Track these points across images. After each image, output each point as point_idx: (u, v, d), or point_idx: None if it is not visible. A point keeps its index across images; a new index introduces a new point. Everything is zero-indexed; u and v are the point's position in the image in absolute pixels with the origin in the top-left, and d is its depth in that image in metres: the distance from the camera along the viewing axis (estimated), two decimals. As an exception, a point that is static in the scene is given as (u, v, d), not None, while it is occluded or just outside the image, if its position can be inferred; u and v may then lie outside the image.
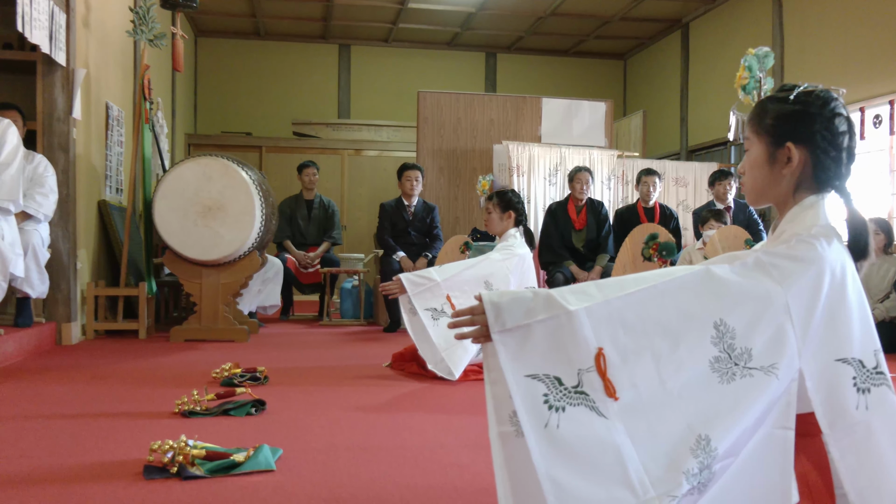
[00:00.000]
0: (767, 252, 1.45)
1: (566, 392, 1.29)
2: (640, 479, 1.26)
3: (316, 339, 6.09)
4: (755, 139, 1.61)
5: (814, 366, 1.42)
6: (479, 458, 2.59)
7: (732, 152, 10.44)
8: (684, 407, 1.32)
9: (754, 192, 1.65)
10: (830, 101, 1.57)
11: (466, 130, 8.67)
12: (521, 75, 12.77)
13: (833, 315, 1.44)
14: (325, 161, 10.62)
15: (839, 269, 1.45)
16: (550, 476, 1.23)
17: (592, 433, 1.27)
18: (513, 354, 1.31)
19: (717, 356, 1.35)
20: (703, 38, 10.97)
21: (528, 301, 1.33)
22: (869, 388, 1.44)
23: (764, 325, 1.37)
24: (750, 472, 1.37)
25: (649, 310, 1.35)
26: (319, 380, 4.13)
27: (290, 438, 2.79)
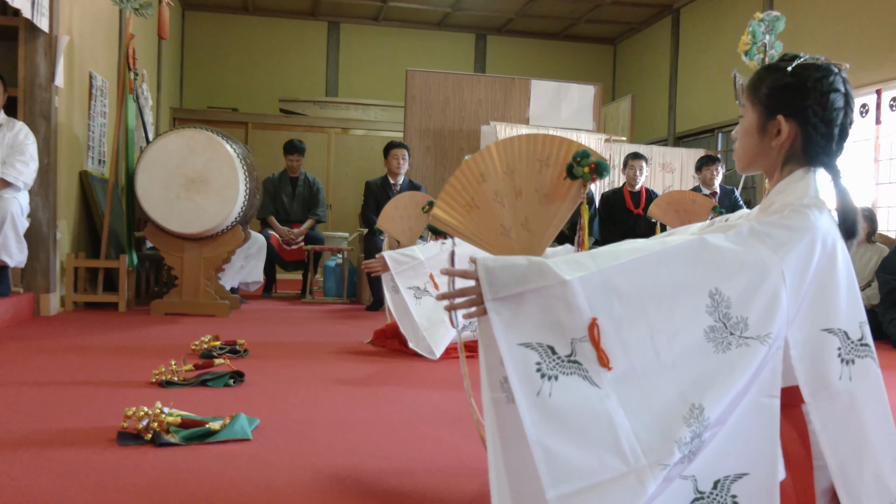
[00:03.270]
0: (761, 221, 1.44)
1: (559, 361, 1.28)
2: (632, 448, 1.25)
3: (298, 316, 6.06)
4: (750, 107, 1.60)
5: (800, 334, 1.41)
6: (457, 433, 2.58)
7: (720, 139, 10.45)
8: (678, 377, 1.31)
9: (744, 160, 1.65)
10: (829, 75, 1.54)
11: (454, 111, 8.62)
12: (510, 58, 12.71)
13: (822, 285, 1.43)
14: (311, 139, 10.55)
15: (830, 240, 1.44)
16: (542, 443, 1.23)
17: (585, 402, 1.26)
18: (506, 323, 1.30)
19: (712, 325, 1.34)
20: (694, 25, 10.95)
21: (523, 268, 1.31)
22: (853, 360, 1.43)
23: (760, 294, 1.36)
24: (737, 440, 1.36)
25: (644, 279, 1.33)
26: (300, 354, 4.10)
27: (267, 409, 2.77)
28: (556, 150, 1.53)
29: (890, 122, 7.21)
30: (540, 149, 1.50)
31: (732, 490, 1.35)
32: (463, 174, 1.55)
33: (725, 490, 1.35)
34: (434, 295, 4.14)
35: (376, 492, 1.95)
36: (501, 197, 1.52)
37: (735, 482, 1.35)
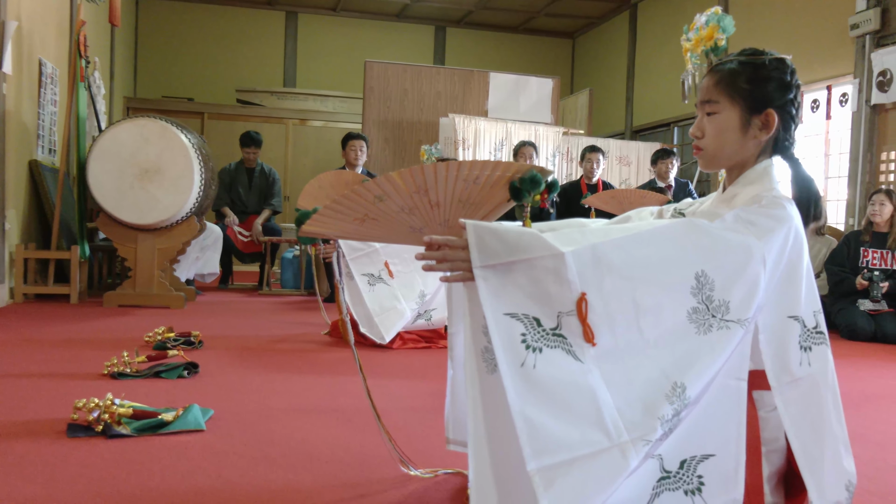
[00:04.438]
0: (745, 209, 1.46)
1: (544, 333, 1.27)
2: (615, 423, 1.25)
3: (255, 308, 6.01)
4: (727, 103, 1.58)
5: (769, 320, 1.44)
6: (414, 421, 2.59)
7: (676, 133, 10.60)
8: (661, 356, 1.32)
9: (718, 157, 1.62)
10: (794, 70, 1.59)
11: (413, 102, 8.60)
12: (469, 50, 12.72)
13: (791, 273, 1.46)
14: (269, 130, 10.44)
15: (800, 230, 1.48)
16: (524, 414, 1.22)
17: (568, 376, 1.26)
18: (493, 291, 1.28)
19: (695, 307, 1.35)
20: (651, 20, 11.07)
21: (515, 238, 1.30)
22: (811, 347, 1.47)
23: (743, 279, 1.38)
24: (704, 421, 1.38)
25: (634, 257, 1.34)
26: (256, 345, 4.07)
27: (222, 400, 2.75)
28: (488, 171, 1.47)
29: (839, 118, 7.38)
30: (467, 171, 1.43)
31: (699, 470, 1.37)
32: (351, 198, 1.45)
33: (692, 470, 1.37)
34: (388, 282, 4.13)
35: (331, 481, 1.95)
36: (410, 209, 1.46)
37: (701, 462, 1.37)
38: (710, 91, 1.59)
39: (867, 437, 2.61)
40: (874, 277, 5.46)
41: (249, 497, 1.80)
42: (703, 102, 1.61)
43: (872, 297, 5.47)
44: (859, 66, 6.93)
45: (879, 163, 6.86)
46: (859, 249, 5.71)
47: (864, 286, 5.51)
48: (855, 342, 5.32)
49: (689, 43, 1.72)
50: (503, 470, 1.32)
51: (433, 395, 3.03)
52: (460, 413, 1.80)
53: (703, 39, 1.66)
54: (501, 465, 1.32)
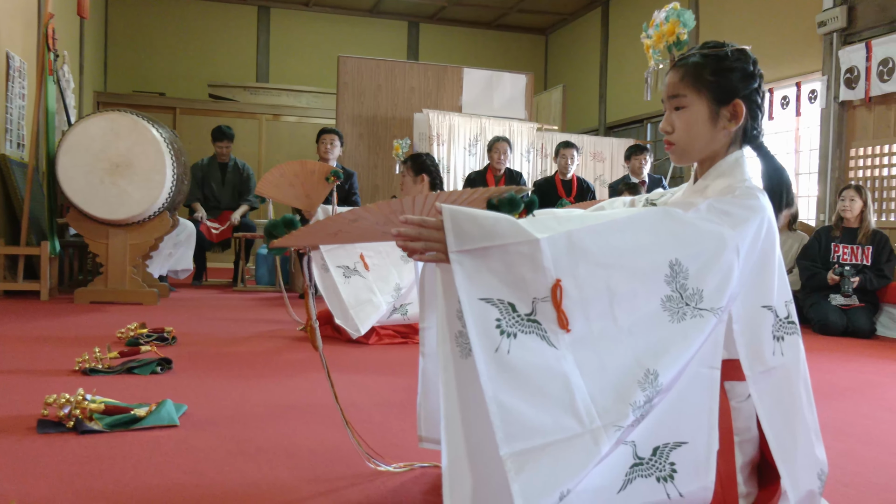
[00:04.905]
0: (719, 200, 1.47)
1: (519, 319, 1.27)
2: (587, 409, 1.25)
3: (229, 304, 5.96)
4: (694, 97, 1.58)
5: (742, 309, 1.45)
6: (390, 416, 2.59)
7: (648, 129, 10.67)
8: (634, 343, 1.32)
9: (690, 150, 1.62)
10: (756, 60, 1.61)
11: (387, 98, 8.58)
12: (443, 46, 12.70)
13: (764, 263, 1.47)
14: (241, 125, 10.36)
15: (772, 221, 1.50)
16: (497, 399, 1.21)
17: (542, 361, 1.26)
18: (468, 275, 1.27)
19: (669, 295, 1.36)
20: (624, 16, 11.13)
21: (491, 223, 1.29)
22: (783, 337, 1.49)
23: (717, 268, 1.39)
24: (677, 409, 1.38)
25: (609, 245, 1.34)
26: (231, 342, 4.03)
27: (196, 395, 2.72)
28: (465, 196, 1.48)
29: (809, 114, 7.46)
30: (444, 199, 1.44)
31: (671, 457, 1.38)
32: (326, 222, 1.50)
33: (664, 457, 1.37)
34: (364, 275, 4.11)
35: (308, 475, 1.94)
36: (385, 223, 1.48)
37: (674, 450, 1.38)
38: (676, 86, 1.60)
39: (839, 430, 2.65)
40: (845, 272, 5.54)
41: (225, 492, 1.79)
42: (670, 97, 1.62)
43: (843, 291, 5.54)
44: (827, 64, 7.02)
45: (848, 159, 6.96)
46: (830, 245, 5.79)
47: (835, 281, 5.58)
48: (827, 336, 5.39)
49: (650, 40, 1.72)
50: (477, 455, 1.31)
51: (409, 390, 3.02)
52: (433, 409, 1.79)
53: (664, 35, 1.66)
54: (475, 450, 1.32)
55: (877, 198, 6.62)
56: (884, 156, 6.64)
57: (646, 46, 1.67)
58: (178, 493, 1.76)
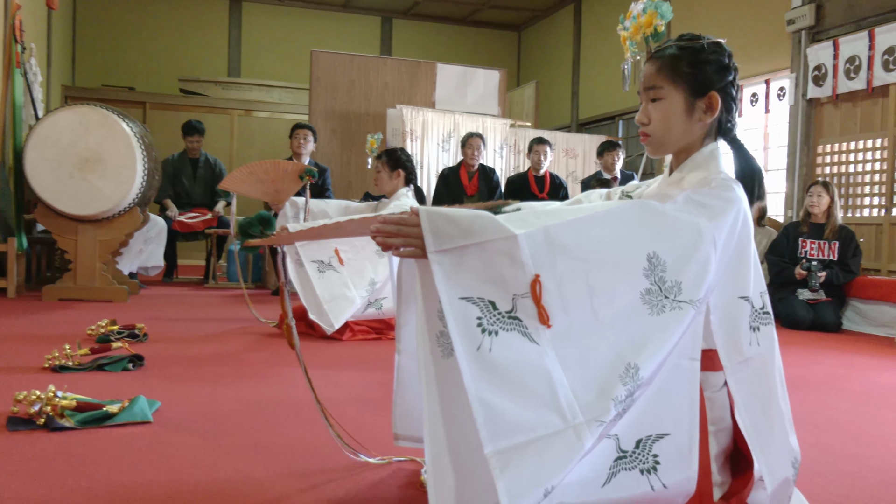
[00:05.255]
0: (696, 192, 1.48)
1: (500, 316, 1.27)
2: (570, 405, 1.26)
3: (201, 301, 5.91)
4: (671, 89, 1.59)
5: (720, 301, 1.47)
6: (365, 412, 2.58)
7: (620, 126, 10.74)
8: (615, 337, 1.33)
9: (666, 142, 1.63)
10: (731, 53, 1.62)
11: (360, 93, 8.55)
12: (416, 42, 12.69)
13: (740, 254, 1.49)
14: (213, 121, 10.26)
15: (748, 212, 1.51)
16: (481, 398, 1.21)
17: (524, 358, 1.26)
18: (448, 275, 1.27)
19: (648, 288, 1.36)
20: (596, 13, 11.19)
21: (468, 221, 1.29)
22: (759, 327, 1.50)
23: (694, 260, 1.40)
24: (659, 401, 1.39)
25: (587, 239, 1.34)
26: (203, 338, 4.00)
27: (169, 392, 2.70)
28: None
29: (777, 111, 7.56)
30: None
31: (654, 449, 1.38)
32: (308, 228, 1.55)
33: (647, 449, 1.38)
34: (338, 270, 4.10)
35: (284, 471, 1.93)
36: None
37: (657, 442, 1.39)
38: (653, 77, 1.60)
39: (807, 421, 2.69)
40: (812, 267, 5.62)
41: (200, 488, 1.77)
42: (646, 89, 1.62)
43: (811, 286, 5.63)
44: (796, 61, 7.11)
45: (816, 155, 7.06)
46: (798, 240, 5.87)
47: (802, 276, 5.67)
48: (795, 331, 5.47)
49: (626, 32, 1.73)
50: (460, 454, 1.32)
51: (384, 385, 3.02)
52: (409, 407, 1.78)
53: (642, 26, 1.67)
54: (458, 450, 1.32)
55: (843, 194, 6.72)
56: (850, 152, 6.75)
57: (622, 38, 1.68)
58: (152, 490, 1.74)
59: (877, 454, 2.35)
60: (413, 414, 1.77)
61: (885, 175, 6.37)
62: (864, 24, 6.41)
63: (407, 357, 1.76)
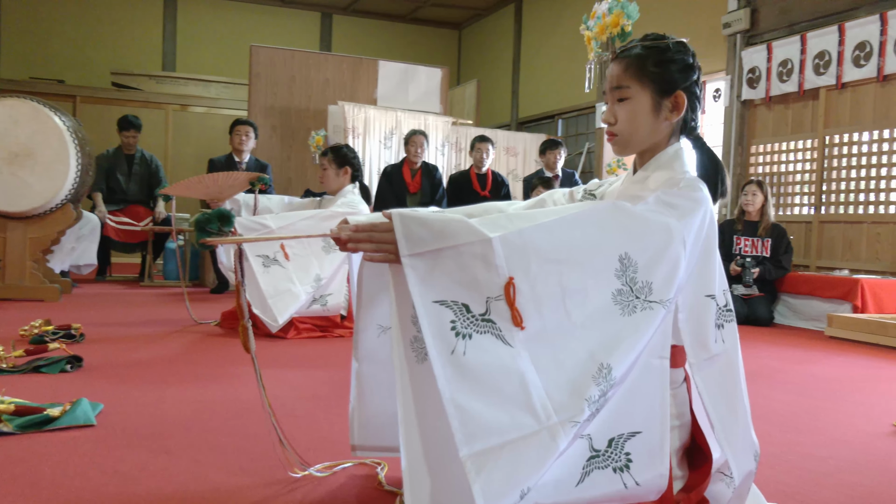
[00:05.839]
0: (666, 192, 1.48)
1: (473, 319, 1.27)
2: (544, 406, 1.26)
3: (137, 299, 5.76)
4: (637, 88, 1.59)
5: (688, 299, 1.48)
6: (315, 409, 2.55)
7: (560, 125, 10.86)
8: (587, 337, 1.33)
9: (633, 141, 1.63)
10: (694, 53, 1.65)
11: (301, 89, 8.45)
12: (356, 38, 12.60)
13: (706, 253, 1.50)
14: (147, 115, 9.99)
15: (713, 212, 1.53)
16: (455, 401, 1.21)
17: (498, 361, 1.26)
18: (421, 278, 1.26)
19: (619, 289, 1.36)
20: (537, 13, 11.29)
21: (441, 225, 1.28)
22: (723, 324, 1.53)
23: (664, 260, 1.40)
24: (630, 400, 1.39)
25: (560, 241, 1.34)
26: (143, 338, 3.90)
27: (111, 393, 2.62)
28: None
29: (713, 112, 7.74)
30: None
31: (626, 448, 1.39)
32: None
33: (620, 448, 1.38)
34: (284, 265, 4.04)
35: (240, 473, 1.89)
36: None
37: (629, 440, 1.39)
38: (619, 77, 1.61)
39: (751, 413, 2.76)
40: (746, 264, 5.78)
41: (151, 491, 1.72)
42: (612, 89, 1.62)
43: (745, 282, 5.78)
44: (731, 63, 7.30)
45: (749, 155, 7.26)
46: (733, 237, 6.03)
47: (737, 272, 5.82)
48: (730, 325, 5.60)
49: (591, 32, 1.74)
50: (435, 458, 1.32)
51: (332, 384, 2.99)
52: (371, 417, 1.76)
53: (608, 26, 1.68)
54: (432, 454, 1.32)
55: (775, 193, 6.93)
56: (782, 152, 6.96)
57: (587, 38, 1.69)
58: (101, 495, 1.69)
59: (818, 444, 2.42)
60: (375, 423, 1.75)
61: (815, 175, 6.59)
62: (796, 28, 6.62)
63: (367, 364, 1.74)
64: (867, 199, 6.16)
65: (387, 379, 1.73)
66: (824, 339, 5.09)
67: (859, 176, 6.22)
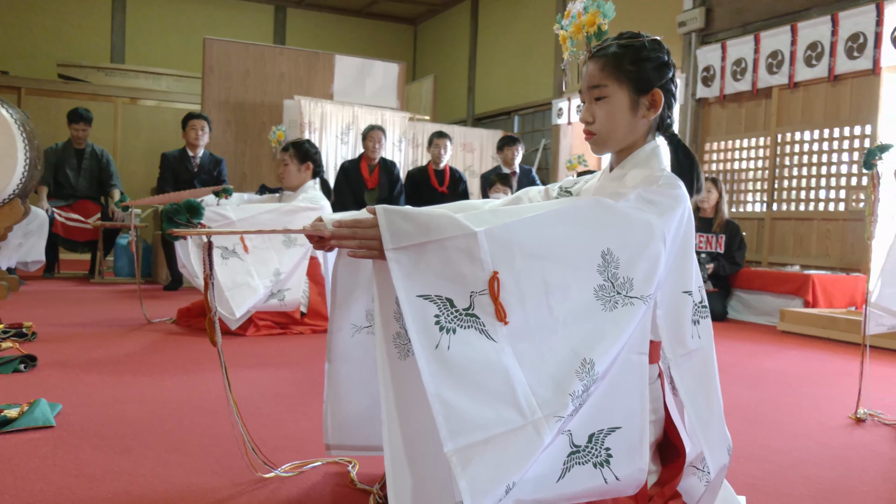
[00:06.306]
0: (646, 189, 1.49)
1: (457, 314, 1.26)
2: (528, 401, 1.26)
3: (89, 297, 5.62)
4: (615, 86, 1.60)
5: (666, 295, 1.49)
6: (279, 407, 2.52)
7: (516, 121, 10.90)
8: (570, 333, 1.33)
9: (611, 140, 1.63)
10: (669, 51, 1.65)
11: (256, 83, 8.32)
12: (310, 33, 12.47)
13: (683, 250, 1.51)
14: (96, 108, 9.70)
15: (690, 209, 1.54)
16: (440, 396, 1.21)
17: (482, 355, 1.26)
18: (406, 273, 1.26)
19: (601, 284, 1.37)
20: (493, 8, 11.31)
21: (426, 219, 1.28)
22: (699, 320, 1.54)
23: (645, 256, 1.41)
24: (610, 395, 1.40)
25: (544, 236, 1.34)
26: (98, 336, 3.80)
27: (69, 394, 2.54)
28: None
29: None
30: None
31: (606, 443, 1.39)
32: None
33: (600, 443, 1.39)
34: (242, 257, 3.97)
35: (208, 473, 1.85)
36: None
37: (609, 435, 1.40)
38: (597, 76, 1.61)
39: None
40: (700, 259, 5.87)
41: (117, 493, 1.68)
42: (590, 88, 1.62)
43: (700, 277, 5.87)
44: (686, 62, 7.40)
45: (703, 153, 7.37)
46: (688, 233, 6.11)
47: (692, 267, 5.90)
48: (685, 319, 5.69)
49: (565, 31, 1.74)
50: (416, 455, 1.31)
51: (295, 382, 2.95)
52: (346, 416, 1.74)
53: (584, 25, 1.67)
54: (414, 450, 1.31)
55: (728, 190, 7.05)
56: (735, 150, 7.09)
57: (562, 38, 1.68)
58: (65, 498, 1.63)
59: (780, 437, 2.47)
60: (350, 423, 1.74)
61: (767, 172, 6.72)
62: (750, 28, 6.73)
63: (340, 364, 1.72)
64: (817, 197, 6.30)
65: (361, 378, 1.72)
66: (777, 333, 5.20)
67: (810, 174, 6.36)
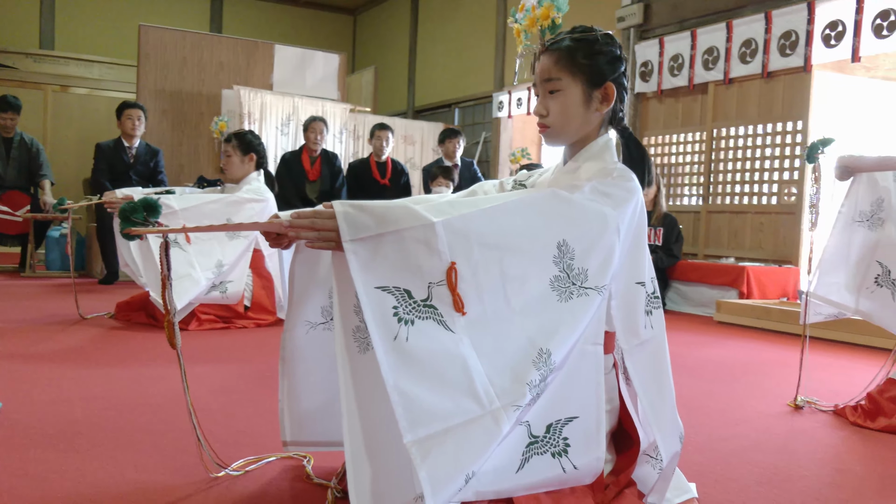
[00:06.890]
0: (600, 182, 1.51)
1: (415, 305, 1.27)
2: (486, 391, 1.27)
3: (19, 292, 5.43)
4: (569, 80, 1.61)
5: (620, 286, 1.52)
6: (229, 403, 2.49)
7: (456, 114, 10.92)
8: (526, 323, 1.34)
9: (564, 133, 1.64)
10: (621, 45, 1.68)
11: (193, 72, 8.15)
12: (248, 21, 12.28)
13: (636, 242, 1.54)
14: (24, 96, 9.31)
15: (643, 201, 1.57)
16: (399, 388, 1.21)
17: (440, 346, 1.26)
18: (364, 264, 1.26)
19: (557, 275, 1.39)
20: (432, 1, 11.29)
21: (383, 210, 1.28)
22: (651, 311, 1.57)
23: (600, 247, 1.43)
24: (566, 386, 1.42)
25: (501, 227, 1.35)
26: (33, 333, 3.68)
27: (8, 392, 2.46)
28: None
29: (606, 104, 7.96)
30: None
31: (564, 433, 1.42)
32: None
33: (557, 433, 1.41)
34: (185, 248, 3.88)
35: (161, 472, 1.82)
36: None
37: (566, 425, 1.42)
38: (550, 69, 1.62)
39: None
40: (640, 251, 5.98)
41: (67, 493, 1.63)
42: (544, 81, 1.63)
43: (639, 269, 5.99)
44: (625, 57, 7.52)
45: (641, 147, 7.51)
46: (627, 226, 6.22)
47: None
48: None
49: (520, 24, 1.75)
50: (375, 448, 1.32)
51: (243, 377, 2.92)
52: (304, 412, 1.74)
53: (538, 18, 1.68)
54: (373, 443, 1.32)
55: (666, 183, 7.20)
56: (672, 144, 7.24)
57: (516, 31, 1.69)
58: (14, 498, 1.59)
59: (721, 424, 2.54)
60: (307, 419, 1.73)
61: (703, 166, 6.89)
62: (687, 24, 6.89)
63: (295, 361, 1.70)
64: (751, 191, 6.49)
65: (318, 375, 1.71)
66: (713, 324, 5.35)
67: (744, 168, 6.54)
